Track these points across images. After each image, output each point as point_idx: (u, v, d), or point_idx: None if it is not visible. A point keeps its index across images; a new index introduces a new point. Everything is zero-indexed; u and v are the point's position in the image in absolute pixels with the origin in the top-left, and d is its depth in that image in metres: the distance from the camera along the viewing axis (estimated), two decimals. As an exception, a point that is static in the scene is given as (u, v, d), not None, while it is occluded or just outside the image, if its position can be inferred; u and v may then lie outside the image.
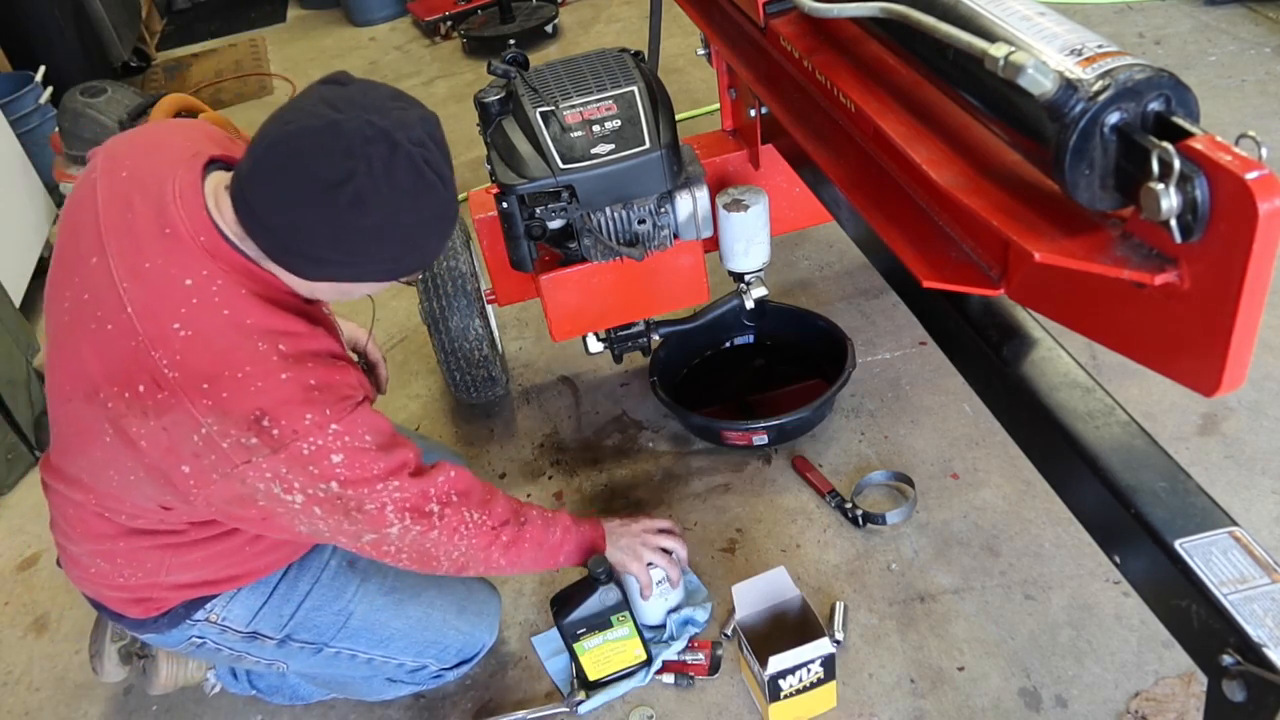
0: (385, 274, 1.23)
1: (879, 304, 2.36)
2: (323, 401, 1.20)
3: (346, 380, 1.26)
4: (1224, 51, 3.07)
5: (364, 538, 1.31)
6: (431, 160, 1.15)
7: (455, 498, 1.36)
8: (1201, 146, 0.79)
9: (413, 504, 1.30)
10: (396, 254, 1.20)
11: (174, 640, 1.49)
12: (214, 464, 1.19)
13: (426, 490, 1.32)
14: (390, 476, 1.27)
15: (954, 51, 1.00)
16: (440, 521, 1.34)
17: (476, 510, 1.39)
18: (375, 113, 1.12)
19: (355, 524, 1.28)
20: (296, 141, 1.10)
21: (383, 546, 1.33)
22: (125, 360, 1.18)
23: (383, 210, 1.12)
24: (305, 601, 1.51)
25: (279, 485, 1.21)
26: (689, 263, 1.86)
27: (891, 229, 1.22)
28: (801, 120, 1.47)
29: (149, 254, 1.19)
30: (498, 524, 1.42)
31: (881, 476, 1.92)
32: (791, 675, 1.46)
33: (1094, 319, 1.00)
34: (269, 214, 1.14)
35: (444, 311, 1.99)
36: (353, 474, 1.24)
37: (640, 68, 1.87)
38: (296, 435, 1.18)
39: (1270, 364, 1.98)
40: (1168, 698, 1.48)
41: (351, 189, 1.09)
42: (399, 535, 1.32)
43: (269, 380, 1.17)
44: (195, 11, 5.70)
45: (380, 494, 1.27)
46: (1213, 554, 0.94)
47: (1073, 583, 1.67)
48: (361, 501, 1.26)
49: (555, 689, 1.67)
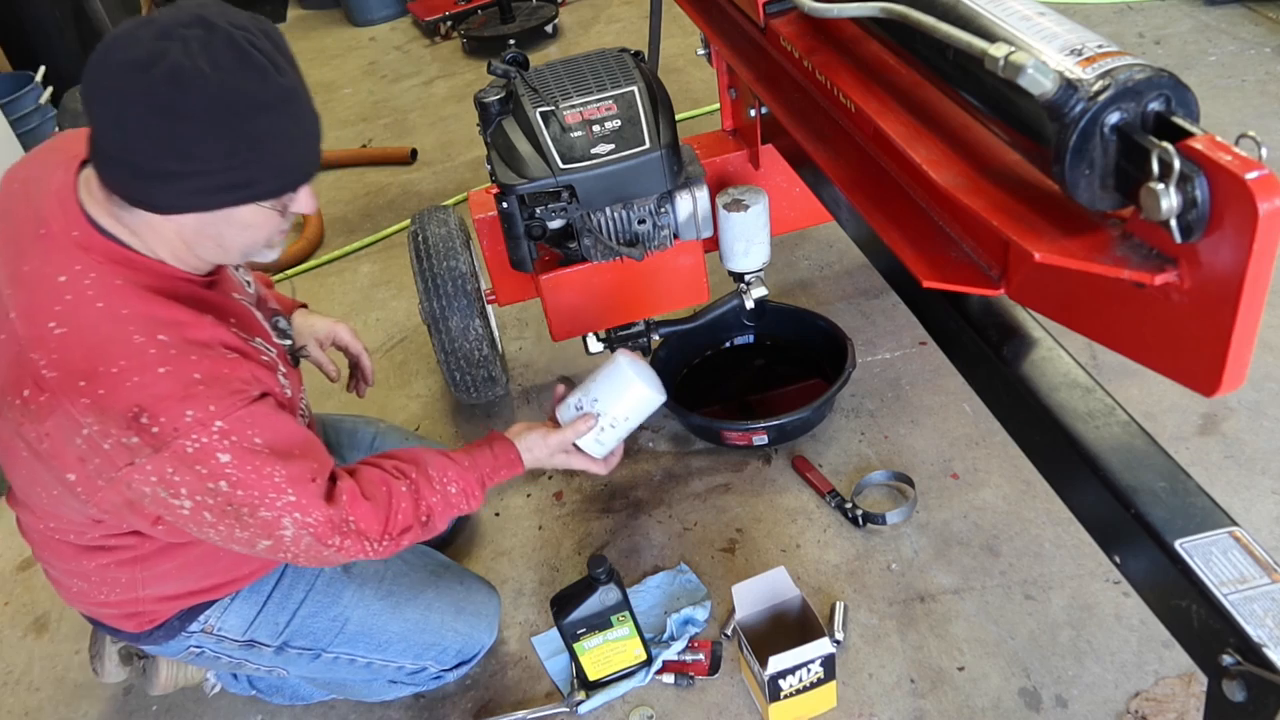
0: (237, 187, 1.12)
1: (879, 304, 2.36)
2: (207, 396, 1.13)
3: (238, 374, 1.18)
4: (1224, 51, 3.07)
5: (258, 545, 1.25)
6: (258, 45, 1.07)
7: (354, 525, 1.28)
8: (1201, 146, 0.79)
9: (314, 532, 1.24)
10: (236, 152, 1.08)
11: (172, 650, 1.49)
12: (99, 469, 1.14)
13: (332, 520, 1.25)
14: (290, 487, 1.20)
15: (954, 51, 1.00)
16: (338, 552, 1.28)
17: (375, 538, 1.30)
18: (196, 7, 1.07)
19: (248, 530, 1.21)
20: (111, 47, 1.05)
21: (277, 554, 1.27)
22: (13, 367, 1.14)
23: (203, 89, 1.03)
24: (300, 609, 1.51)
25: (165, 489, 1.15)
26: (689, 263, 1.86)
27: (891, 229, 1.22)
28: (801, 120, 1.47)
29: (28, 257, 1.16)
30: (399, 533, 1.34)
31: (881, 476, 1.92)
32: (791, 675, 1.46)
33: (1094, 319, 1.00)
34: (103, 135, 1.08)
35: (444, 311, 1.99)
36: (244, 476, 1.16)
37: (640, 68, 1.87)
38: (178, 433, 1.11)
39: (1270, 364, 1.98)
40: (1168, 698, 1.48)
41: (166, 65, 1.02)
42: (292, 541, 1.24)
43: (146, 374, 1.11)
44: (195, 11, 5.70)
45: (278, 505, 1.20)
46: (1213, 554, 0.94)
47: (1073, 583, 1.67)
48: (255, 507, 1.19)
49: (555, 689, 1.67)
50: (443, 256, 2.01)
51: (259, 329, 1.35)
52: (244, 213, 1.16)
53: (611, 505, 1.99)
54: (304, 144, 1.16)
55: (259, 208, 1.16)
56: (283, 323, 1.51)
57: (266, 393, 1.22)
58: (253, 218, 1.17)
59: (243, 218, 1.16)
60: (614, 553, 1.89)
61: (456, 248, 2.03)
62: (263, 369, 1.24)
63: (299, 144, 1.15)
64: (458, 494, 1.41)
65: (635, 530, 1.93)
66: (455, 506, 1.41)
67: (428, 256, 2.02)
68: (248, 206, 1.15)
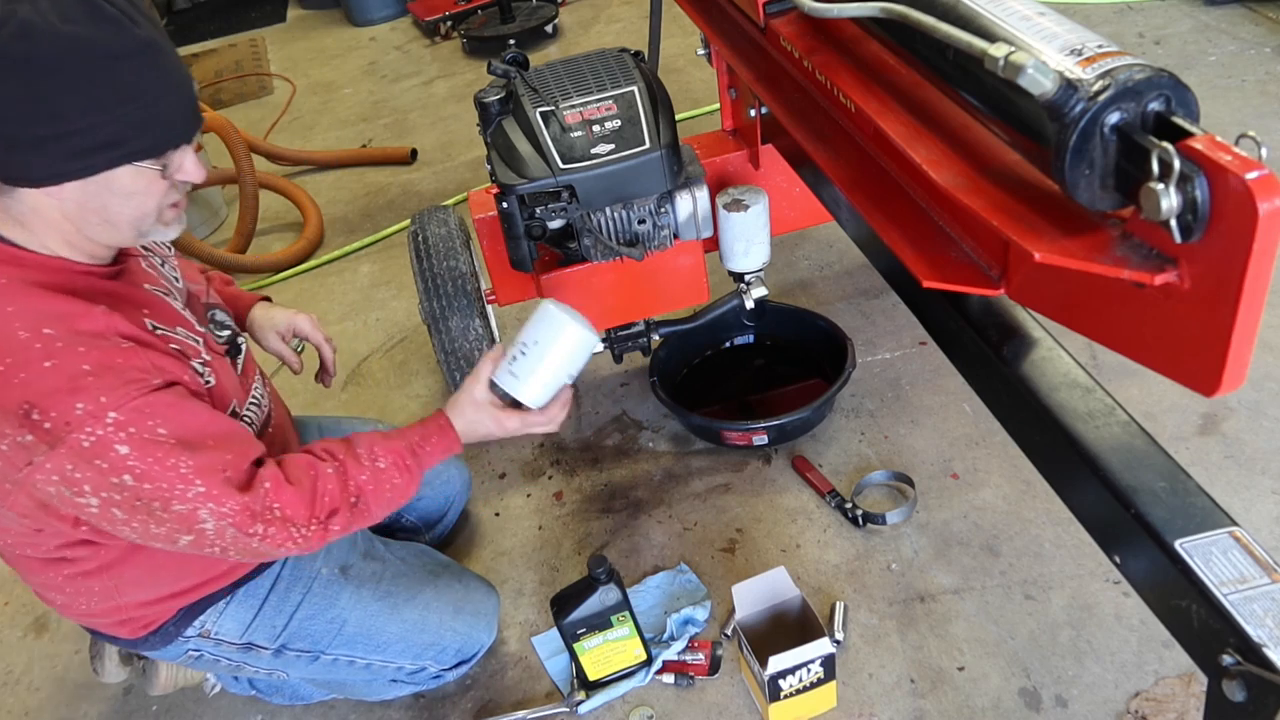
0: (110, 145, 1.10)
1: (879, 304, 2.36)
2: (97, 387, 1.10)
3: (134, 364, 1.14)
4: (1224, 51, 3.07)
5: (180, 540, 1.21)
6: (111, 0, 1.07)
7: (278, 512, 1.24)
8: (1201, 146, 0.79)
9: (234, 520, 1.20)
10: (103, 106, 1.07)
11: (171, 655, 1.49)
12: (2, 472, 1.12)
13: (249, 508, 1.21)
14: (198, 478, 1.16)
15: (954, 51, 1.00)
16: (263, 538, 1.24)
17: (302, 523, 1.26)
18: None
19: (164, 525, 1.18)
20: None
21: (204, 548, 1.23)
22: None
23: (55, 41, 1.03)
24: (298, 612, 1.51)
25: (68, 488, 1.12)
26: (689, 263, 1.86)
27: (891, 229, 1.22)
28: (801, 120, 1.46)
29: None
30: (326, 516, 1.29)
31: (881, 476, 1.92)
32: (791, 675, 1.46)
33: (1094, 319, 1.00)
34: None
35: (444, 311, 1.99)
36: (148, 468, 1.13)
37: (640, 68, 1.87)
38: (70, 426, 1.09)
39: (1270, 364, 1.98)
40: (1168, 698, 1.48)
41: (15, 23, 1.01)
42: (216, 532, 1.21)
43: (31, 369, 1.09)
44: (195, 11, 5.70)
45: (189, 496, 1.16)
46: (1213, 554, 0.94)
47: (1073, 583, 1.67)
48: (167, 501, 1.16)
49: (555, 689, 1.67)
50: (443, 256, 2.01)
51: (179, 319, 1.31)
52: (123, 176, 1.13)
53: (611, 505, 1.99)
54: (174, 98, 1.14)
55: (138, 170, 1.14)
56: (220, 315, 1.47)
57: (174, 381, 1.18)
58: (134, 183, 1.15)
59: (123, 183, 1.14)
60: (614, 553, 1.89)
61: (456, 248, 2.03)
62: (168, 358, 1.20)
63: (168, 97, 1.13)
64: (388, 467, 1.35)
65: (635, 530, 1.93)
66: (388, 481, 1.35)
67: (428, 256, 2.02)
68: (125, 168, 1.13)
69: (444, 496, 1.89)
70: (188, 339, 1.30)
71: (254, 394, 1.48)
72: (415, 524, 1.87)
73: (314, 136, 3.93)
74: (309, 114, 4.13)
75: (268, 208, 3.33)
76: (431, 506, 1.88)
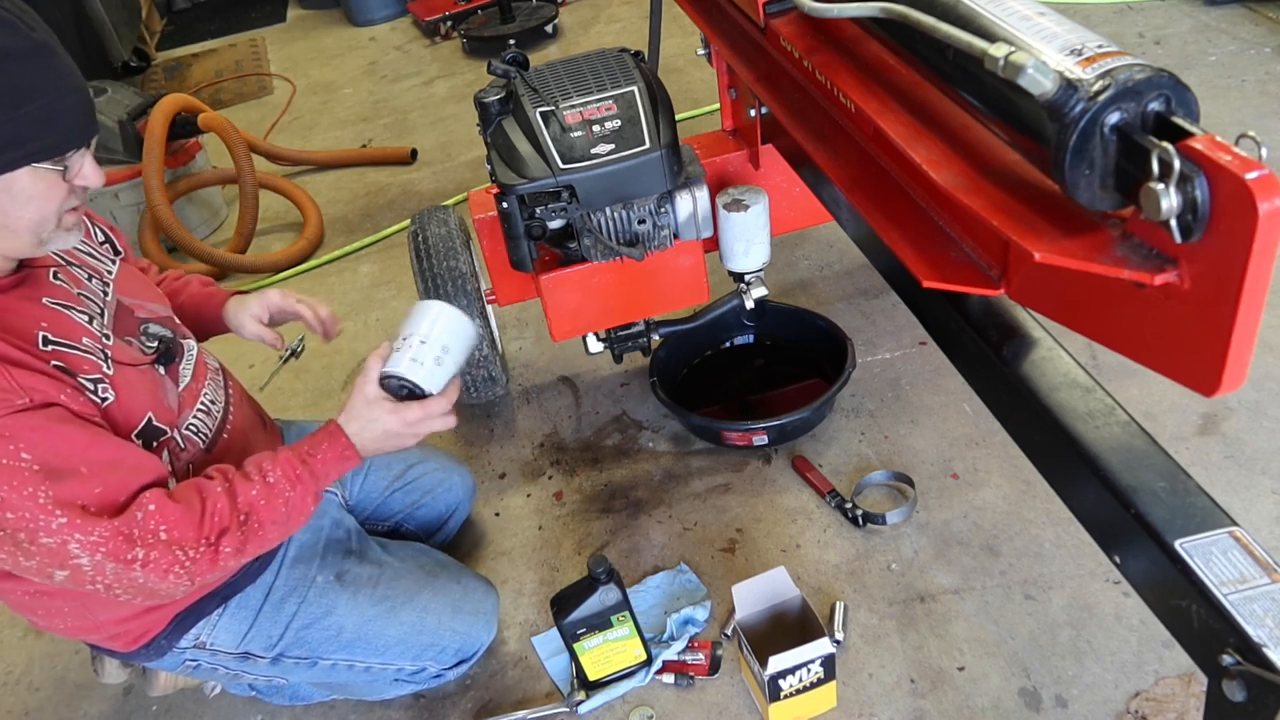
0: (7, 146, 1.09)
1: (879, 304, 2.36)
2: None
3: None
4: (1224, 51, 3.07)
5: (55, 575, 1.16)
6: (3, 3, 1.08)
7: (163, 534, 1.18)
8: (1201, 146, 0.79)
9: (107, 549, 1.14)
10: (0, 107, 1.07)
11: (169, 665, 1.49)
12: None
13: (121, 531, 1.15)
14: (58, 510, 1.11)
15: (954, 51, 1.00)
16: (145, 567, 1.17)
17: (190, 544, 1.21)
18: None
19: (34, 560, 1.14)
20: None
21: (85, 584, 1.17)
22: None
23: None
24: (294, 621, 1.51)
25: None
26: (689, 263, 1.86)
27: (891, 229, 1.22)
28: (801, 120, 1.47)
29: None
30: (216, 536, 1.23)
31: (881, 476, 1.92)
32: (791, 675, 1.46)
33: (1094, 319, 1.00)
34: None
35: (444, 311, 1.99)
36: (6, 495, 1.09)
37: (640, 68, 1.87)
38: None
39: (1270, 364, 1.98)
40: (1168, 698, 1.48)
41: None
42: (93, 569, 1.15)
43: None
44: (195, 11, 5.70)
45: (53, 529, 1.11)
46: (1213, 554, 0.94)
47: (1073, 583, 1.67)
48: (34, 533, 1.11)
49: (555, 689, 1.67)
50: (443, 256, 2.01)
51: (83, 331, 1.26)
52: (23, 179, 1.12)
53: (611, 505, 1.99)
54: (71, 100, 1.14)
55: (37, 172, 1.13)
56: (153, 328, 1.41)
57: (47, 403, 1.13)
58: (33, 186, 1.14)
59: (23, 186, 1.13)
60: (614, 553, 1.89)
61: (456, 248, 2.03)
62: (43, 378, 1.15)
63: (66, 98, 1.13)
64: (278, 480, 1.29)
65: (635, 530, 1.93)
66: (280, 495, 1.29)
67: (428, 256, 2.02)
68: (24, 171, 1.12)
69: (445, 504, 1.88)
70: (87, 354, 1.24)
71: (203, 401, 1.43)
72: (416, 532, 1.87)
73: (314, 136, 3.93)
74: (309, 114, 4.13)
75: (268, 208, 3.33)
76: (432, 515, 1.87)
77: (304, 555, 1.56)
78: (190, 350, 1.47)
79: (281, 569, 1.53)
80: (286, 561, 1.54)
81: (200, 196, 3.32)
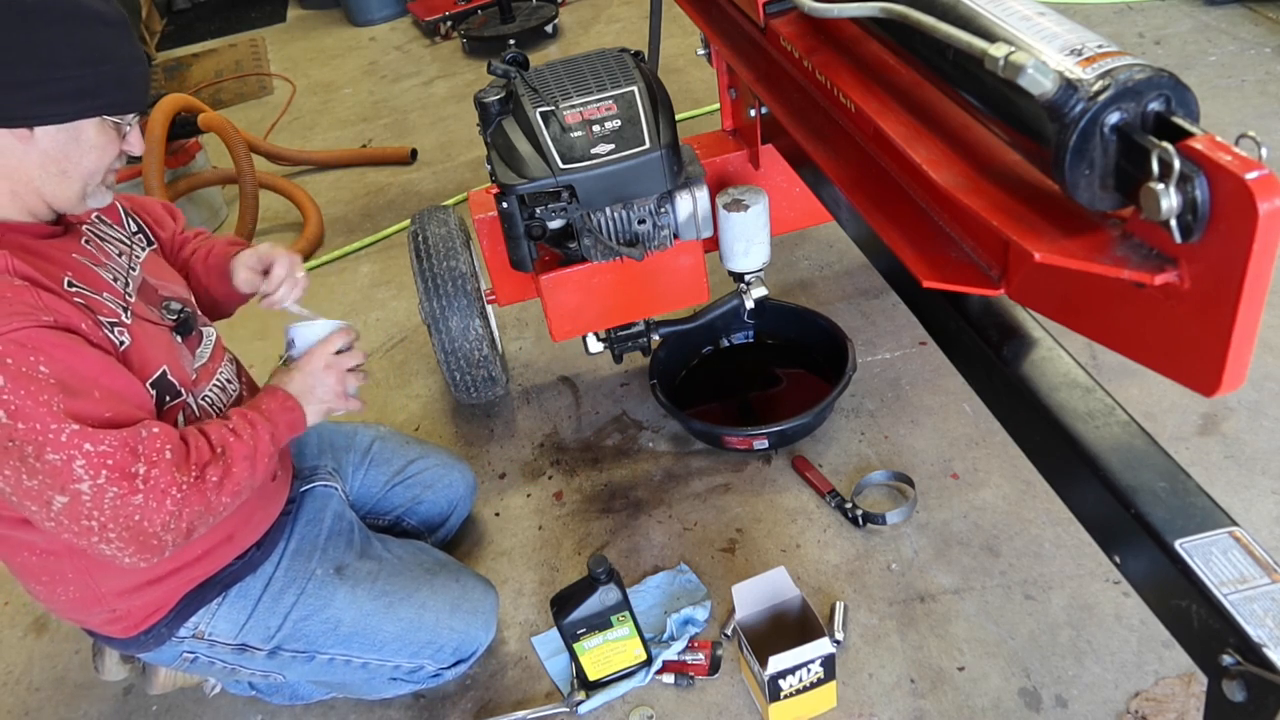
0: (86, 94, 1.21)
1: (879, 304, 2.36)
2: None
3: (23, 298, 1.15)
4: (1224, 51, 3.07)
5: (54, 504, 1.17)
6: None
7: (168, 454, 1.22)
8: (1201, 146, 0.79)
9: (113, 460, 1.16)
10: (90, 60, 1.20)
11: (166, 657, 1.50)
12: None
13: (128, 442, 1.18)
14: (72, 419, 1.14)
15: (954, 51, 1.00)
16: (146, 485, 1.19)
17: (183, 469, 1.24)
18: None
19: (37, 479, 1.15)
20: None
21: (80, 519, 1.18)
22: None
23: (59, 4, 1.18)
24: (292, 612, 1.51)
25: None
26: (689, 263, 1.86)
27: (891, 229, 1.22)
28: (801, 120, 1.47)
29: None
30: (201, 467, 1.26)
31: (881, 476, 1.92)
32: (791, 675, 1.46)
33: (1094, 319, 1.00)
34: None
35: (444, 311, 1.99)
36: (20, 403, 1.11)
37: (640, 68, 1.87)
38: None
39: (1270, 364, 1.98)
40: (1168, 698, 1.48)
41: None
42: (93, 497, 1.16)
43: None
44: (195, 11, 5.70)
45: (63, 441, 1.14)
46: (1213, 554, 0.94)
47: (1073, 583, 1.67)
48: (42, 446, 1.13)
49: (555, 689, 1.67)
50: (443, 256, 2.01)
51: (106, 286, 1.31)
52: (89, 129, 1.24)
53: (611, 505, 1.99)
54: (139, 70, 1.28)
55: (104, 125, 1.25)
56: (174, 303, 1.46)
57: (69, 328, 1.18)
58: (97, 136, 1.25)
59: (88, 135, 1.24)
60: (614, 553, 1.89)
61: (456, 248, 2.03)
62: (68, 304, 1.20)
63: (135, 68, 1.27)
64: (238, 423, 1.34)
65: (635, 530, 1.93)
66: (240, 436, 1.33)
67: (428, 256, 2.02)
68: (93, 121, 1.24)
69: (446, 500, 1.88)
70: (108, 302, 1.29)
71: (219, 379, 1.49)
72: (418, 528, 1.87)
73: (314, 136, 3.93)
74: (309, 114, 4.13)
75: (268, 208, 3.33)
76: (433, 510, 1.87)
77: (304, 548, 1.56)
78: (209, 336, 1.53)
79: (282, 560, 1.53)
80: (287, 553, 1.55)
81: (200, 196, 3.32)
